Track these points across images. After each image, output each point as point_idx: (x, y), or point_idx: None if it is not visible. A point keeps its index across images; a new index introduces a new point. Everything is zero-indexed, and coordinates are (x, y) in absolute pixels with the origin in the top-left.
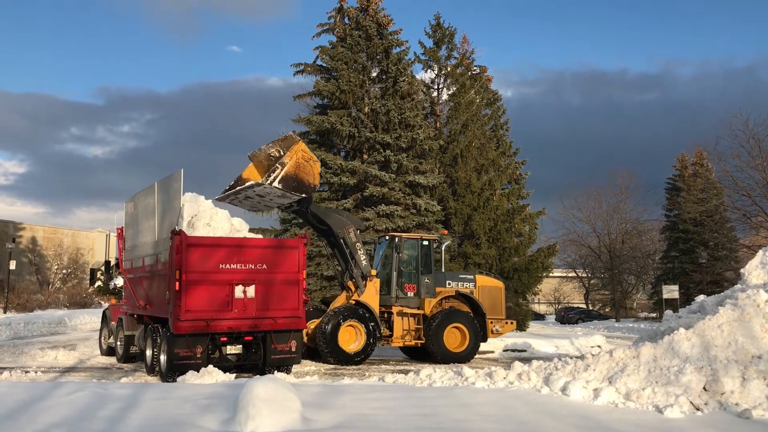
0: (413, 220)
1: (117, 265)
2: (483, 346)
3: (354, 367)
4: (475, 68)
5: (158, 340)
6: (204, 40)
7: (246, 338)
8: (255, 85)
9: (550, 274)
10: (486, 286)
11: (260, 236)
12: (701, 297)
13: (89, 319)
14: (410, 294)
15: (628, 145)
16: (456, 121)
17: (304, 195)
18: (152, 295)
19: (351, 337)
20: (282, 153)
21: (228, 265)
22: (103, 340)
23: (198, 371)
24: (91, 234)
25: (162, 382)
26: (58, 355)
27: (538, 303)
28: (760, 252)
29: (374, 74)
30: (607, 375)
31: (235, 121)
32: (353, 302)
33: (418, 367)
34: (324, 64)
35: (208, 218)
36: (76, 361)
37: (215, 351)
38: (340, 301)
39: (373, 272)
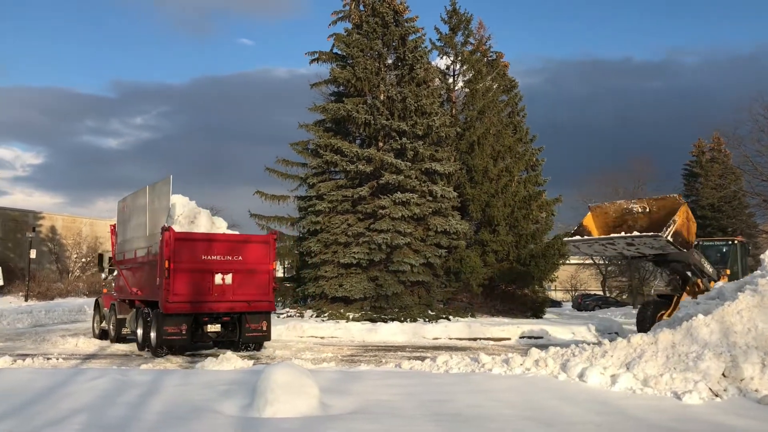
0: (429, 207)
1: (110, 258)
2: (498, 333)
3: (371, 354)
4: (491, 54)
5: (149, 320)
6: (216, 34)
7: (224, 318)
8: (266, 76)
9: (567, 262)
10: None
11: (237, 232)
12: (720, 283)
13: None
14: None
15: (638, 133)
16: (472, 107)
17: (685, 250)
18: (143, 282)
19: None
20: (648, 209)
21: (209, 257)
22: (96, 325)
23: (184, 346)
24: (109, 223)
25: (152, 356)
26: (79, 343)
27: (555, 290)
28: None
29: (390, 61)
30: (625, 361)
31: (246, 113)
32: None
33: (434, 353)
34: (340, 52)
35: (192, 216)
36: (96, 349)
37: (198, 329)
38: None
39: (727, 271)
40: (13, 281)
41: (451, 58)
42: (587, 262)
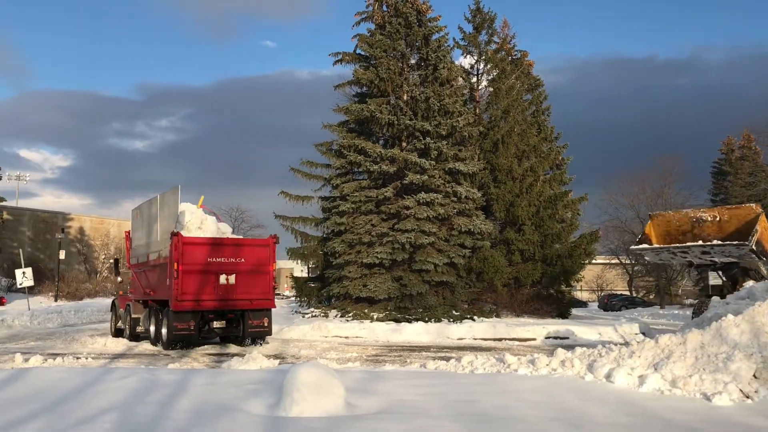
0: (454, 208)
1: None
2: (524, 334)
3: (395, 354)
4: (515, 53)
5: (160, 318)
6: (239, 36)
7: (229, 315)
8: (289, 78)
9: (593, 261)
10: None
11: (240, 237)
12: (750, 283)
13: None
14: None
15: (664, 130)
16: (496, 106)
17: (764, 258)
18: (155, 283)
19: None
20: (718, 218)
21: (214, 259)
22: (112, 325)
23: (192, 341)
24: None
25: (164, 349)
26: (107, 342)
27: (581, 290)
28: None
29: (413, 61)
30: (653, 362)
31: (269, 114)
32: None
33: (459, 354)
34: (363, 53)
35: (199, 223)
36: (124, 348)
37: (205, 325)
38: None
39: None
40: (43, 282)
41: (475, 57)
42: (613, 261)
